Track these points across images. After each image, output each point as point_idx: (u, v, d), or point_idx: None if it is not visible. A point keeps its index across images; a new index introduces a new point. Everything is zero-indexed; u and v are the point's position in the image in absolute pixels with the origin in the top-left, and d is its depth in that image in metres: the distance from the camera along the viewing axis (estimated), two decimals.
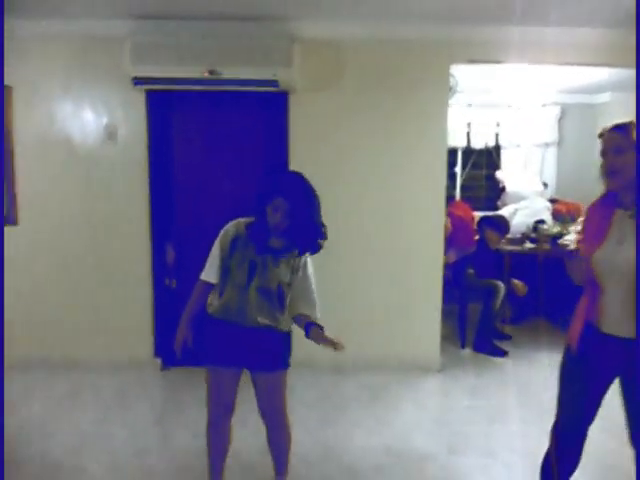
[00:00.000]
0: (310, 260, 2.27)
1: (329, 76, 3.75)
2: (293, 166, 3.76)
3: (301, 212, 2.12)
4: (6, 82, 3.65)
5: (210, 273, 2.25)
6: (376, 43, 3.71)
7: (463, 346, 4.54)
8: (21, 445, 2.94)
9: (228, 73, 3.46)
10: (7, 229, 3.81)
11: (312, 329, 2.15)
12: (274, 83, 3.49)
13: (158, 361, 4.00)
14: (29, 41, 3.66)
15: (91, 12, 3.47)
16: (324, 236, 2.22)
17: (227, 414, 2.33)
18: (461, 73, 4.11)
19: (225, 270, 2.21)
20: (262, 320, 2.17)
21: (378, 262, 3.94)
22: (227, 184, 3.88)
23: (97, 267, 3.91)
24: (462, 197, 5.89)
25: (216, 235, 2.26)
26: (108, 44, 3.60)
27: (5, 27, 3.46)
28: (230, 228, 2.24)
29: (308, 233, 2.18)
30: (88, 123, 3.76)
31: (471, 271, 4.56)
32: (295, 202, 2.11)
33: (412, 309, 4.00)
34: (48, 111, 3.74)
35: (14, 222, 3.83)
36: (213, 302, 2.24)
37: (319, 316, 2.25)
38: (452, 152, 5.59)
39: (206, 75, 3.45)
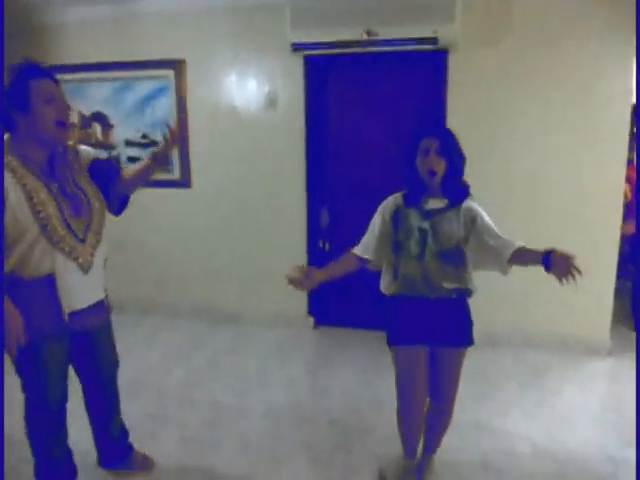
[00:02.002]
0: (482, 211, 2.11)
1: (494, 31, 3.45)
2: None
3: (451, 150, 2.03)
4: (180, 56, 3.97)
5: (367, 249, 2.18)
6: None
7: (638, 327, 4.05)
8: (192, 388, 3.29)
9: (385, 33, 3.37)
10: (182, 191, 4.22)
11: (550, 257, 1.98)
12: (434, 41, 3.32)
13: (311, 319, 4.17)
14: (198, 16, 3.92)
15: None
16: (469, 186, 2.14)
17: (422, 400, 2.20)
18: None
19: (395, 246, 2.13)
20: (448, 285, 2.07)
21: (545, 231, 3.61)
22: (383, 149, 3.83)
23: (256, 228, 4.15)
24: None
25: (371, 201, 2.23)
26: (270, 12, 3.70)
27: (168, 4, 3.75)
28: (388, 202, 2.18)
29: (458, 177, 2.08)
30: (252, 91, 3.94)
31: None
32: (444, 139, 2.03)
33: (582, 283, 3.61)
34: (216, 81, 3.99)
35: (188, 185, 4.21)
36: (390, 283, 2.17)
37: (519, 244, 2.02)
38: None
39: (364, 37, 3.39)
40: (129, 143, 4.27)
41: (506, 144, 3.59)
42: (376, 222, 2.18)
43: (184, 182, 4.21)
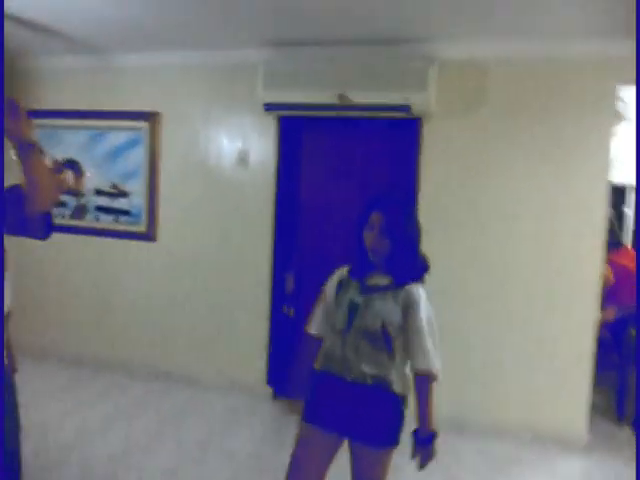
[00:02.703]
0: (425, 299, 1.92)
1: (468, 101, 3.40)
2: (423, 199, 3.47)
3: (397, 228, 1.88)
4: (155, 109, 3.94)
5: (313, 324, 2.09)
6: (522, 62, 3.29)
7: (621, 420, 3.75)
8: (124, 456, 3.01)
9: (358, 98, 3.32)
10: (147, 244, 4.08)
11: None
12: (406, 108, 3.26)
13: (269, 390, 3.91)
14: (175, 71, 3.93)
15: (230, 42, 3.58)
16: (426, 265, 1.96)
17: None
18: (632, 96, 3.47)
19: (328, 317, 2.03)
20: (368, 369, 1.88)
21: (515, 311, 3.43)
22: (353, 214, 3.69)
23: (219, 288, 3.97)
24: (633, 243, 5.00)
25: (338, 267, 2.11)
26: (243, 72, 3.70)
27: (147, 59, 3.75)
28: (335, 274, 2.08)
29: (405, 256, 1.91)
30: (224, 148, 3.88)
31: (634, 332, 3.77)
32: (391, 215, 1.89)
33: (556, 372, 3.39)
34: (189, 136, 3.95)
35: (153, 238, 4.08)
36: (319, 354, 2.05)
37: (432, 368, 1.85)
38: (620, 190, 4.80)
39: (336, 100, 3.34)
40: (99, 192, 4.18)
41: (478, 216, 3.45)
42: (322, 296, 2.09)
43: (149, 235, 4.08)
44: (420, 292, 1.92)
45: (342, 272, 2.07)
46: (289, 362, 2.22)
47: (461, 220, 3.46)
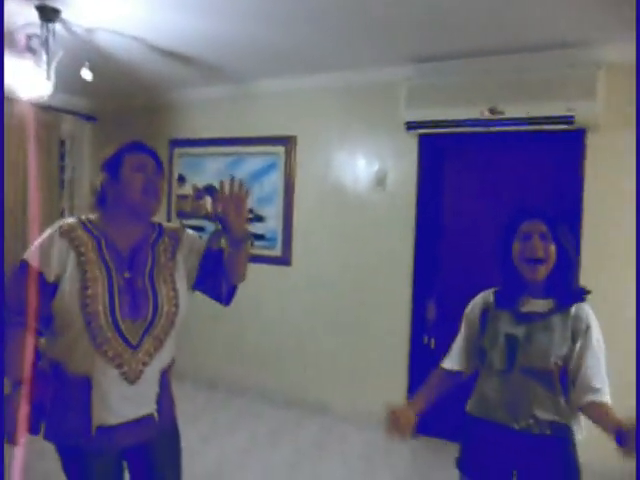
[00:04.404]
0: (595, 321, 1.61)
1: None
2: (587, 223, 3.07)
3: (563, 234, 1.62)
4: (291, 133, 3.92)
5: (454, 359, 1.80)
6: None
7: None
8: None
9: (512, 111, 3.02)
10: (282, 268, 4.05)
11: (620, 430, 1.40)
12: (569, 119, 2.90)
13: None
14: (311, 94, 3.88)
15: (368, 61, 3.46)
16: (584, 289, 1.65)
17: None
18: None
19: (479, 353, 1.73)
20: (542, 414, 1.58)
21: None
22: (505, 241, 3.37)
23: (356, 315, 3.81)
24: None
25: None
26: (383, 91, 3.57)
27: (283, 84, 3.73)
28: (476, 302, 1.80)
29: (572, 269, 1.64)
30: (361, 170, 3.75)
31: None
32: (553, 221, 1.62)
33: None
34: (325, 158, 3.87)
35: (289, 263, 4.03)
36: (470, 398, 1.78)
37: (608, 401, 1.54)
38: None
39: (486, 115, 3.08)
40: None
41: None
42: (462, 326, 1.82)
43: (285, 259, 4.04)
44: (591, 311, 1.61)
45: (487, 296, 1.77)
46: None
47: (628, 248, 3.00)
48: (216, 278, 1.74)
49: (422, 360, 3.60)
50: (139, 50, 3.31)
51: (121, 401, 1.56)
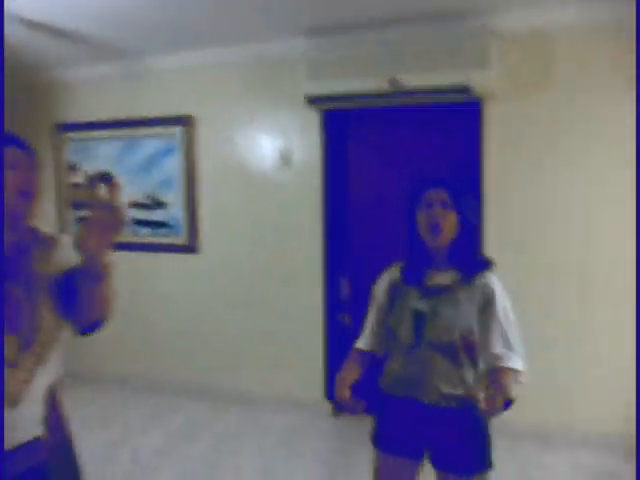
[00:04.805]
0: (501, 289, 1.62)
1: (534, 79, 3.05)
2: (488, 196, 3.14)
3: (465, 201, 1.63)
4: (189, 112, 3.70)
5: (364, 338, 1.79)
6: (599, 29, 2.92)
7: None
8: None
9: (411, 82, 3.01)
10: (189, 256, 3.85)
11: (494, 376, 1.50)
12: (466, 90, 2.94)
13: (329, 405, 3.63)
14: (208, 70, 3.67)
15: (265, 34, 3.31)
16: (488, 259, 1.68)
17: None
18: None
19: (387, 331, 1.71)
20: (447, 389, 1.58)
21: (600, 320, 3.06)
22: (409, 213, 3.39)
23: (268, 299, 3.71)
24: None
25: None
26: (283, 66, 3.44)
27: (177, 60, 3.51)
28: (383, 277, 1.78)
29: (474, 239, 1.66)
30: (264, 148, 3.61)
31: None
32: (455, 189, 1.62)
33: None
34: (227, 138, 3.69)
35: (195, 250, 3.84)
36: (383, 374, 1.74)
37: (520, 367, 1.55)
38: None
39: (385, 86, 3.04)
40: (135, 205, 3.96)
41: (552, 211, 3.09)
42: (371, 305, 1.80)
43: (191, 247, 3.84)
44: (496, 280, 1.63)
45: (393, 272, 1.75)
46: None
47: (529, 215, 3.12)
48: (73, 301, 1.43)
49: (339, 338, 3.58)
50: (16, 26, 2.96)
51: (5, 425, 1.34)
